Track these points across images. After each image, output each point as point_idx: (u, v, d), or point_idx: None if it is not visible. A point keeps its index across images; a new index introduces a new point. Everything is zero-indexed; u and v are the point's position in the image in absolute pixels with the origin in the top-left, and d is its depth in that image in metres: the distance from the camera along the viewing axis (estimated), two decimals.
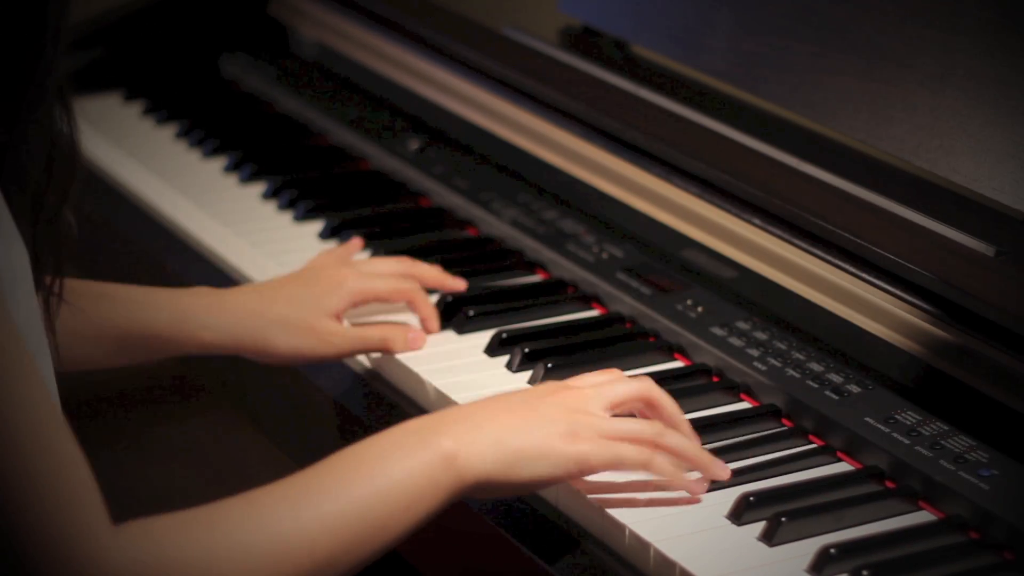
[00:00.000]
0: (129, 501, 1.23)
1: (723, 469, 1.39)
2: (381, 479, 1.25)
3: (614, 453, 1.34)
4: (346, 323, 1.67)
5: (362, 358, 1.67)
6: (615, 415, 1.38)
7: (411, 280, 1.70)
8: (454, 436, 1.29)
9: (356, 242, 1.80)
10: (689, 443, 1.38)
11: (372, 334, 1.63)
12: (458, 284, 1.73)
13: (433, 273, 1.72)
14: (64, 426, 1.13)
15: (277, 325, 1.61)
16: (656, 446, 1.36)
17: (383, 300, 1.68)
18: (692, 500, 1.38)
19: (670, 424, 1.39)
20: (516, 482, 1.32)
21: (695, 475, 1.39)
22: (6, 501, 1.10)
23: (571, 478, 1.35)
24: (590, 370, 1.53)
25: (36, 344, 1.23)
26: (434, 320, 1.68)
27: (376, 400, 1.62)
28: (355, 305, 1.66)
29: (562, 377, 1.47)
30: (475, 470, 1.29)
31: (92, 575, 1.12)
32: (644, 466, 1.35)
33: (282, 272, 1.76)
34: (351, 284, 1.65)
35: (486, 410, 1.34)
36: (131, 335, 1.59)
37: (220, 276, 1.88)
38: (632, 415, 1.41)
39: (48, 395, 1.13)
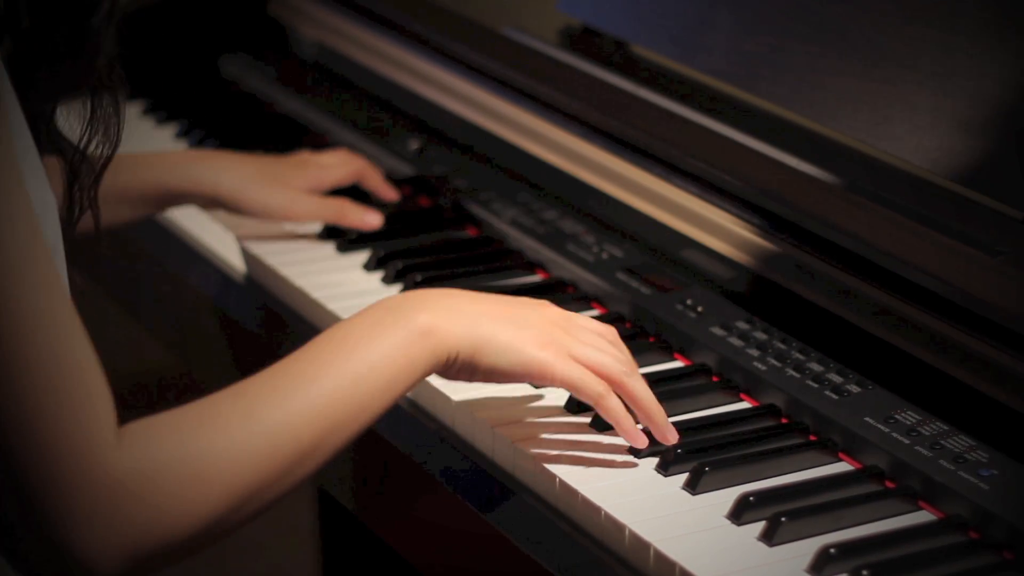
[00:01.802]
0: None
1: (672, 434, 1.43)
2: (361, 361, 1.30)
3: (576, 375, 1.39)
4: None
5: None
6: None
7: (357, 161, 1.94)
8: (431, 311, 1.35)
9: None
10: (651, 396, 1.42)
11: (331, 204, 1.87)
12: (390, 194, 1.95)
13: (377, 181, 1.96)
14: (82, 331, 1.17)
15: (254, 178, 1.84)
16: (620, 385, 1.41)
17: (341, 185, 1.91)
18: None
19: (642, 411, 1.42)
20: (480, 366, 1.37)
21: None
22: (22, 395, 1.14)
23: (529, 380, 1.40)
24: None
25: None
26: (387, 189, 1.94)
27: None
28: (320, 190, 1.89)
29: None
30: (447, 346, 1.35)
31: (97, 475, 1.16)
32: (597, 399, 1.40)
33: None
34: (313, 171, 1.90)
35: (468, 296, 1.40)
36: (131, 193, 1.81)
37: (220, 276, 1.88)
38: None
39: (69, 302, 1.17)
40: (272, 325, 1.79)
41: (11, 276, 1.13)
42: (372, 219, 1.87)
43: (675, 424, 1.46)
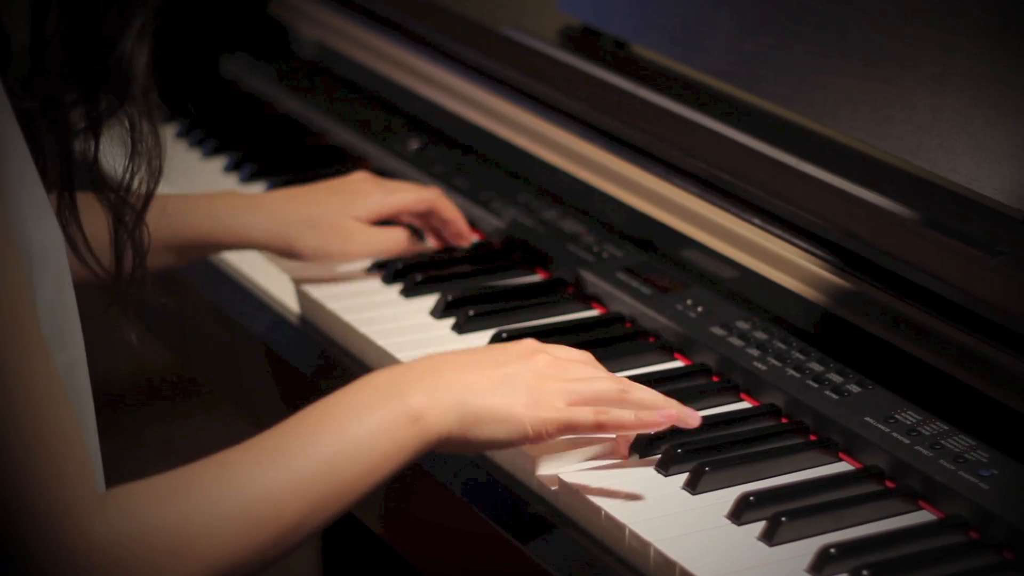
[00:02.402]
0: None
1: (695, 416, 1.41)
2: (347, 441, 1.28)
3: (567, 418, 1.36)
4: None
5: (364, 356, 1.67)
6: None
7: (432, 190, 1.82)
8: (419, 393, 1.32)
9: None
10: (656, 394, 1.40)
11: (391, 235, 1.78)
12: (469, 237, 1.84)
13: (454, 212, 1.83)
14: (65, 400, 1.16)
15: (304, 224, 1.75)
16: (622, 403, 1.39)
17: (406, 211, 1.80)
18: (689, 496, 1.38)
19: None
20: (473, 442, 1.35)
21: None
22: (1, 458, 1.12)
23: (527, 443, 1.37)
24: None
25: (65, 322, 1.25)
26: (462, 223, 1.82)
27: None
28: (380, 216, 1.79)
29: None
30: (437, 428, 1.32)
31: (76, 544, 1.14)
32: (597, 428, 1.38)
33: (280, 272, 1.83)
34: (377, 195, 1.79)
35: (454, 366, 1.36)
36: (178, 240, 1.72)
37: (220, 276, 1.88)
38: None
39: (51, 368, 1.15)
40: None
41: None
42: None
43: (674, 424, 1.46)
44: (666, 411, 1.39)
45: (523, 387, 1.36)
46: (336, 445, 1.27)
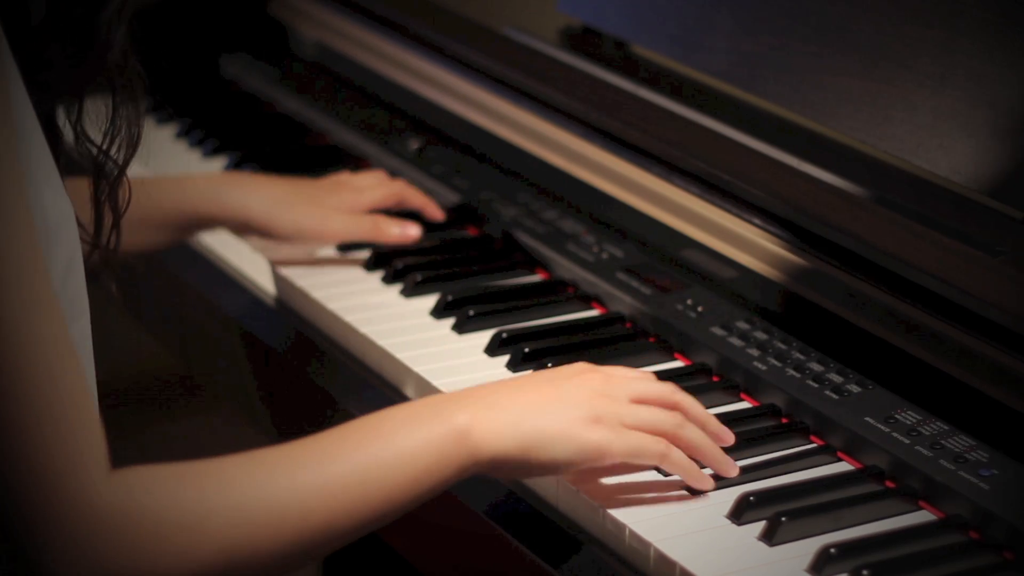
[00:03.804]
0: None
1: (733, 467, 1.40)
2: (388, 449, 1.25)
3: (635, 444, 1.34)
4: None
5: (365, 356, 1.67)
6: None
7: (395, 183, 1.89)
8: (471, 412, 1.28)
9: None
10: (705, 439, 1.39)
11: (366, 220, 1.81)
12: (436, 213, 1.90)
13: (421, 199, 1.90)
14: (79, 366, 1.15)
15: (283, 202, 1.79)
16: (675, 437, 1.37)
17: (376, 207, 1.85)
18: (688, 497, 1.38)
19: (698, 423, 1.39)
20: (533, 463, 1.31)
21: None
22: (6, 426, 1.11)
23: (589, 464, 1.34)
24: None
25: (75, 293, 1.25)
26: (432, 207, 1.89)
27: (377, 400, 1.62)
28: (353, 211, 1.83)
29: None
30: (491, 448, 1.28)
31: (80, 511, 1.13)
32: (661, 459, 1.36)
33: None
34: (347, 194, 1.85)
35: (509, 388, 1.33)
36: (172, 217, 1.77)
37: (220, 276, 1.88)
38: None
39: (65, 332, 1.14)
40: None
41: (3, 297, 1.11)
42: (411, 231, 1.81)
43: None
44: (710, 479, 1.39)
45: (579, 404, 1.32)
46: (376, 453, 1.24)
